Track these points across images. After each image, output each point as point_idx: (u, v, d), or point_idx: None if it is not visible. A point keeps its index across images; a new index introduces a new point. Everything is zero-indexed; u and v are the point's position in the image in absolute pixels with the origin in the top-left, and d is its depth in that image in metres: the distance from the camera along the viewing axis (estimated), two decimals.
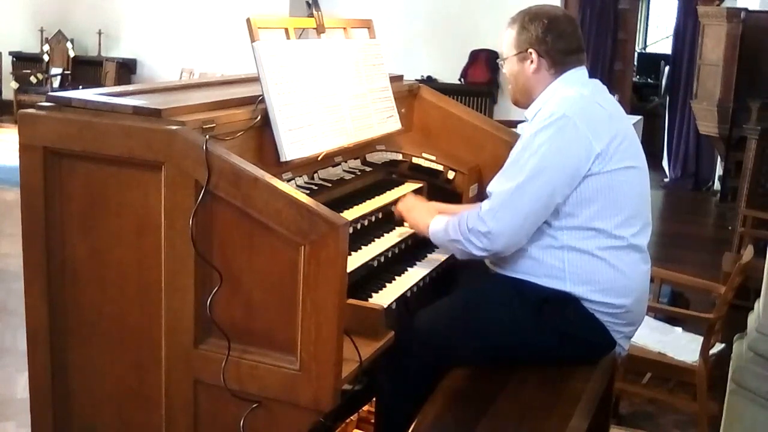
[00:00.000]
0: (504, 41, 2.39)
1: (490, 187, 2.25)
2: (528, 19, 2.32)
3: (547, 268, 2.23)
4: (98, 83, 9.72)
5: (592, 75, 2.39)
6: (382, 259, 2.33)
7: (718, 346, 3.23)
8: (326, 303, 1.77)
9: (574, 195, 2.19)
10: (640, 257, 2.29)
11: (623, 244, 2.23)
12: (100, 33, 10.36)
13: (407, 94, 3.02)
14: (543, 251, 2.23)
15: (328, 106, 2.40)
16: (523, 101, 2.40)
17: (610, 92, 2.42)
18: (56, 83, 10.11)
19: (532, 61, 2.32)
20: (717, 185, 8.46)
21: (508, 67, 2.39)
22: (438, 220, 2.35)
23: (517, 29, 2.34)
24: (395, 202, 2.61)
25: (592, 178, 2.18)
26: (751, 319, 2.82)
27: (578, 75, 2.33)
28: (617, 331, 2.30)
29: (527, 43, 2.32)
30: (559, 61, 2.31)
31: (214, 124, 1.97)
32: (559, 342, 2.23)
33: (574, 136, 2.16)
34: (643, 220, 2.30)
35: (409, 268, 2.40)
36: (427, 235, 2.38)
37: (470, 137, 2.96)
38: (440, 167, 2.84)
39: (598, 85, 2.35)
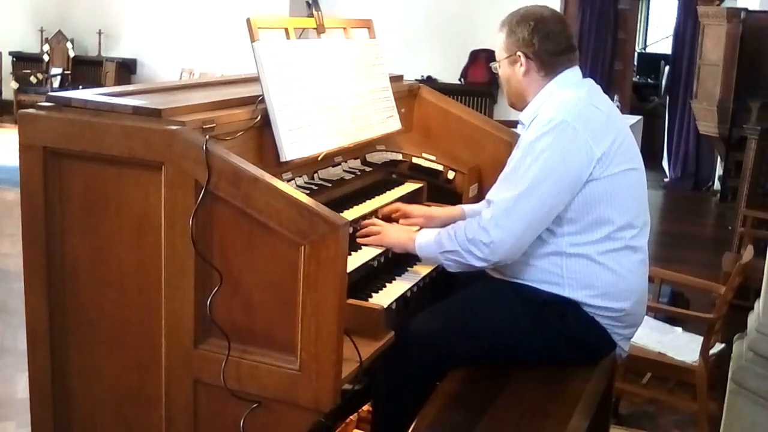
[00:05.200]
0: (496, 45, 2.39)
1: (491, 195, 2.22)
2: (516, 21, 2.31)
3: (545, 274, 2.22)
4: (98, 83, 9.72)
5: (592, 75, 2.38)
6: (382, 259, 2.33)
7: (718, 346, 3.23)
8: (326, 303, 1.77)
9: (576, 201, 2.17)
10: (639, 259, 2.28)
11: (622, 245, 2.22)
12: (100, 33, 10.35)
13: (407, 94, 3.02)
14: (541, 258, 2.22)
15: (328, 106, 2.40)
16: (518, 104, 2.39)
17: (611, 92, 2.42)
18: (56, 83, 10.10)
19: (521, 64, 2.30)
20: (717, 185, 8.45)
21: (501, 71, 2.39)
22: (425, 233, 2.29)
23: (506, 32, 2.33)
24: (395, 202, 2.61)
25: (594, 183, 2.16)
26: (751, 319, 2.82)
27: (571, 76, 2.32)
28: (617, 334, 2.30)
29: (515, 46, 2.30)
30: (548, 62, 2.29)
31: (214, 124, 1.97)
32: (559, 344, 2.23)
33: (574, 142, 2.14)
34: (642, 221, 2.29)
35: (409, 268, 2.40)
36: (412, 251, 2.30)
37: (470, 137, 2.96)
38: (440, 167, 2.84)
39: (592, 86, 2.34)
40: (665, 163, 9.28)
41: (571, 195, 2.16)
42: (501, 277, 2.31)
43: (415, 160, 2.83)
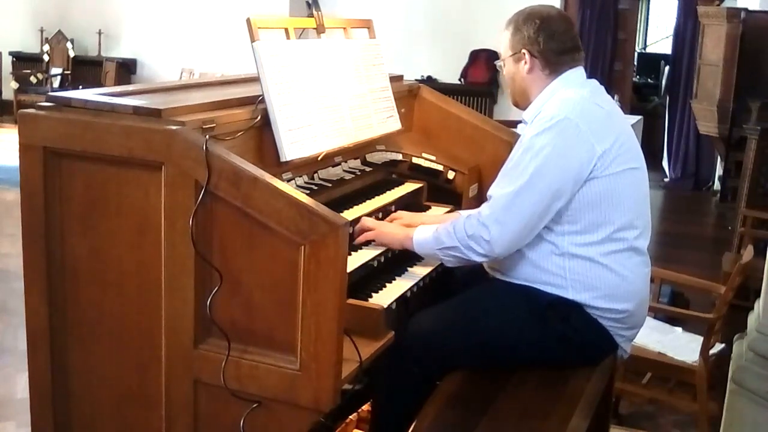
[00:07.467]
0: (501, 43, 2.39)
1: (491, 191, 2.23)
2: (522, 20, 2.32)
3: (548, 275, 2.22)
4: (98, 83, 9.72)
5: (592, 75, 2.38)
6: (382, 259, 2.33)
7: (718, 346, 3.23)
8: (326, 303, 1.77)
9: (577, 199, 2.16)
10: (641, 260, 2.28)
11: (625, 247, 2.21)
12: (100, 33, 10.36)
13: (407, 94, 3.02)
14: (544, 259, 2.21)
15: (328, 106, 2.40)
16: (522, 102, 2.39)
17: (611, 92, 2.41)
18: (56, 83, 10.10)
19: (525, 62, 2.31)
20: (717, 185, 8.45)
21: (506, 69, 2.39)
22: (423, 230, 2.29)
23: (511, 31, 2.34)
24: (395, 202, 2.61)
25: (595, 182, 2.16)
26: (751, 319, 2.82)
27: (576, 75, 2.32)
28: (620, 335, 2.29)
29: (520, 44, 2.31)
30: (552, 60, 2.29)
31: (214, 124, 1.97)
32: (562, 346, 2.22)
33: (575, 139, 2.14)
34: (644, 222, 2.28)
35: (409, 268, 2.39)
36: (410, 248, 2.30)
37: (470, 137, 2.96)
38: (440, 167, 2.84)
39: (596, 86, 2.34)
40: (665, 163, 9.29)
41: (571, 192, 2.15)
42: (503, 278, 2.31)
43: (415, 160, 2.83)
